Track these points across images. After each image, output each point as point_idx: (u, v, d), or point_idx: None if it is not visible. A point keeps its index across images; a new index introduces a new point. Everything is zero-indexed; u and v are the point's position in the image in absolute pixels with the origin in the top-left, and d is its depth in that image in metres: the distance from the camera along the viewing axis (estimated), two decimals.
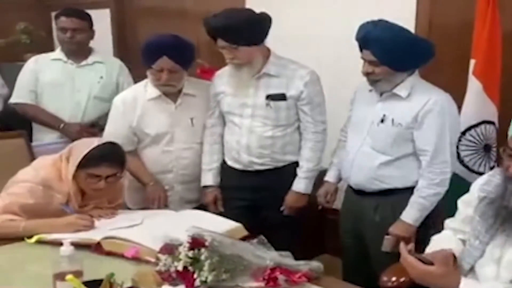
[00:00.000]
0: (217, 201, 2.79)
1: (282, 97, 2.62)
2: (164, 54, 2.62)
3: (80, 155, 2.29)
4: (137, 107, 2.75)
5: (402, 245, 1.73)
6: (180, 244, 1.80)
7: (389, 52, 2.28)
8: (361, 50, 2.37)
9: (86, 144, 2.33)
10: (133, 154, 2.78)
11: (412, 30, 2.89)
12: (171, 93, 2.75)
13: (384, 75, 2.33)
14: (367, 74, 2.37)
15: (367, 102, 2.47)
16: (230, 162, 2.77)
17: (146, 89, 2.77)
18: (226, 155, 2.79)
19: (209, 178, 2.80)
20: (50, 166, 2.35)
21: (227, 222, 2.32)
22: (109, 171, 2.32)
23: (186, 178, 2.84)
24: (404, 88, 2.35)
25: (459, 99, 2.53)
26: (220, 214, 2.57)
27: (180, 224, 2.06)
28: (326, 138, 2.72)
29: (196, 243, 1.76)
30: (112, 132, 2.78)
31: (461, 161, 2.73)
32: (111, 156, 2.33)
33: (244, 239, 2.08)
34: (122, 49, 4.70)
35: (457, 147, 2.57)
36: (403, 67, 2.33)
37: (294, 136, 2.72)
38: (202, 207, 2.77)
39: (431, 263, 1.63)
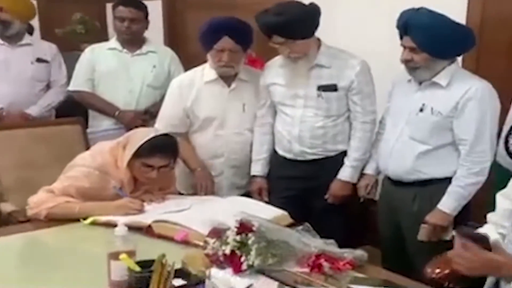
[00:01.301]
0: (262, 191, 2.81)
1: (333, 88, 2.62)
2: (226, 34, 2.63)
3: (136, 145, 2.32)
4: (193, 89, 2.78)
5: (457, 238, 1.66)
6: (228, 229, 1.81)
7: (430, 38, 2.24)
8: (401, 37, 2.34)
9: (143, 134, 2.36)
10: (184, 138, 2.80)
11: (463, 22, 2.83)
12: (227, 77, 2.76)
13: (424, 63, 2.30)
14: (406, 62, 2.33)
15: (405, 92, 2.44)
16: (281, 152, 2.77)
17: (204, 72, 2.80)
18: (277, 145, 2.80)
19: (258, 167, 2.82)
20: (107, 153, 2.40)
21: (273, 209, 2.35)
22: (162, 162, 2.35)
23: (236, 163, 2.85)
24: (444, 77, 2.31)
25: None
26: (266, 203, 2.59)
27: (228, 209, 2.10)
28: (375, 128, 2.70)
29: (244, 228, 1.77)
30: (167, 114, 2.83)
31: (510, 154, 2.64)
32: (164, 148, 2.36)
33: (289, 226, 2.08)
34: (172, 40, 4.74)
35: (507, 140, 2.51)
36: (443, 54, 2.29)
37: (345, 126, 2.71)
38: (250, 194, 2.80)
39: (488, 244, 1.58)
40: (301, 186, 2.72)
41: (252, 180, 2.84)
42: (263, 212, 2.11)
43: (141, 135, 2.36)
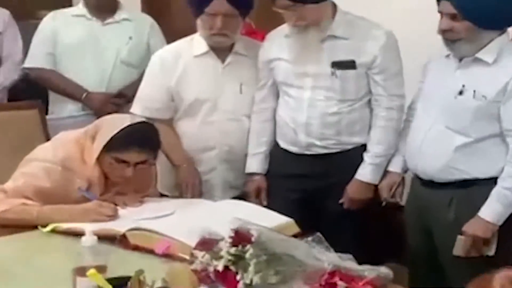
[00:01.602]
0: (260, 192, 2.83)
1: (350, 64, 2.63)
2: None
3: (107, 135, 2.33)
4: (178, 65, 2.80)
5: None
6: (221, 239, 1.82)
7: (474, 3, 2.23)
8: (438, 2, 2.34)
9: (116, 122, 2.38)
10: (167, 126, 2.83)
11: None
12: (221, 49, 2.78)
13: (466, 33, 2.29)
14: (444, 32, 2.33)
15: (442, 71, 2.45)
16: (283, 144, 2.79)
17: (192, 43, 2.83)
18: (278, 136, 2.81)
19: (254, 164, 2.84)
20: (72, 144, 2.41)
21: (276, 215, 2.36)
22: (140, 157, 2.36)
23: (230, 157, 2.87)
24: (490, 52, 2.30)
25: None
26: (265, 207, 2.63)
27: (221, 215, 2.11)
28: (402, 116, 2.71)
29: (240, 238, 1.77)
30: (146, 96, 2.85)
31: None
32: (142, 139, 2.37)
33: (296, 236, 2.10)
34: (151, 7, 4.63)
35: None
36: (490, 23, 2.28)
37: (363, 113, 2.73)
38: (246, 196, 2.84)
39: None
40: (309, 187, 2.74)
41: (248, 179, 2.86)
42: (264, 219, 2.11)
43: (113, 123, 2.37)
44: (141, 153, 2.35)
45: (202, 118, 2.84)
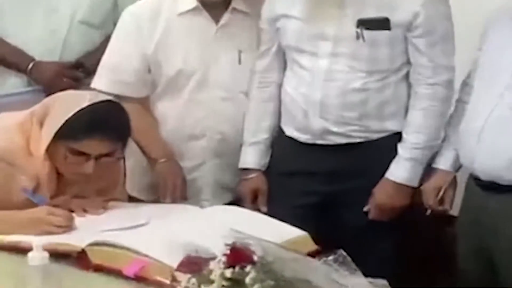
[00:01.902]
0: (258, 194, 2.86)
1: (383, 24, 2.62)
2: None
3: (60, 118, 2.33)
4: (157, 25, 2.83)
5: None
6: (213, 258, 1.82)
7: None
8: None
9: (72, 102, 2.38)
10: (141, 108, 2.85)
11: None
12: (215, 5, 2.81)
13: None
14: None
15: (507, 36, 2.46)
16: (290, 131, 2.80)
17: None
18: (284, 120, 2.84)
19: (250, 156, 2.87)
20: (13, 131, 2.41)
21: (285, 227, 2.36)
22: (103, 148, 2.37)
23: (224, 148, 2.90)
24: None
25: None
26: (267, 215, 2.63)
27: (211, 226, 2.15)
28: (452, 95, 2.71)
29: (238, 256, 1.77)
30: (114, 65, 2.87)
31: None
32: (108, 125, 2.37)
33: (313, 255, 2.10)
34: None
35: None
36: None
37: (398, 90, 2.74)
38: (239, 200, 2.87)
39: None
40: (325, 189, 2.76)
41: (242, 177, 2.89)
42: (269, 232, 2.13)
43: (68, 103, 2.38)
44: (105, 143, 2.36)
45: (187, 96, 2.86)
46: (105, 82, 2.86)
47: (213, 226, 2.10)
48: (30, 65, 3.36)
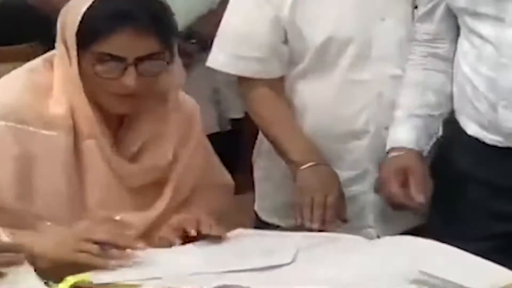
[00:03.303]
0: (408, 175, 2.43)
1: None
2: None
3: (76, 16, 2.08)
4: None
5: None
6: None
7: None
8: None
9: None
10: (276, 93, 2.56)
11: None
12: None
13: None
14: None
15: None
16: (471, 128, 2.43)
17: None
18: (459, 108, 2.46)
19: (404, 132, 2.47)
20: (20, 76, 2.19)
21: (495, 269, 1.98)
22: (139, 44, 2.09)
23: None
24: None
25: None
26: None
27: (387, 269, 1.91)
28: None
29: None
30: (238, 34, 2.57)
31: None
32: (139, 10, 2.09)
33: None
34: None
35: None
36: None
37: None
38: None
39: None
40: None
41: (387, 156, 2.50)
42: (474, 274, 1.91)
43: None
44: (140, 37, 2.08)
45: (341, 76, 2.49)
46: (224, 59, 2.55)
47: (391, 269, 1.87)
48: None
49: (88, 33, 2.09)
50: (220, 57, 2.59)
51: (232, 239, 2.21)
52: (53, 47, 2.35)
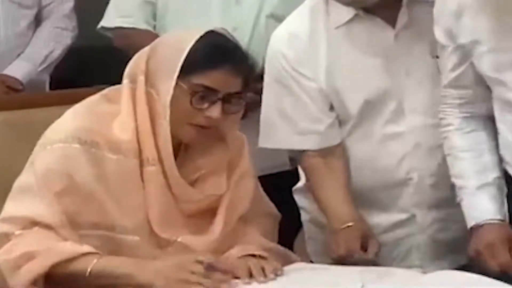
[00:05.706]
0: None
1: None
2: None
3: (178, 54, 2.15)
4: (319, 47, 2.57)
5: None
6: None
7: None
8: None
9: (182, 36, 2.24)
10: (328, 160, 2.60)
11: None
12: (383, 4, 2.50)
13: None
14: None
15: None
16: None
17: (328, 11, 2.59)
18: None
19: (484, 204, 2.40)
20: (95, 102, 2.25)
21: None
22: (232, 81, 2.19)
23: (438, 193, 2.58)
24: None
25: None
26: None
27: None
28: None
29: None
30: (285, 107, 2.61)
31: None
32: (234, 53, 2.21)
33: None
34: None
35: None
36: None
37: None
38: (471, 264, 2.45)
39: None
40: None
41: (473, 234, 2.42)
42: None
43: (179, 39, 2.25)
44: (233, 76, 2.18)
45: (380, 130, 2.56)
46: (285, 138, 2.62)
47: None
48: None
49: (190, 65, 2.15)
50: (279, 137, 2.61)
51: (295, 272, 2.20)
52: None
